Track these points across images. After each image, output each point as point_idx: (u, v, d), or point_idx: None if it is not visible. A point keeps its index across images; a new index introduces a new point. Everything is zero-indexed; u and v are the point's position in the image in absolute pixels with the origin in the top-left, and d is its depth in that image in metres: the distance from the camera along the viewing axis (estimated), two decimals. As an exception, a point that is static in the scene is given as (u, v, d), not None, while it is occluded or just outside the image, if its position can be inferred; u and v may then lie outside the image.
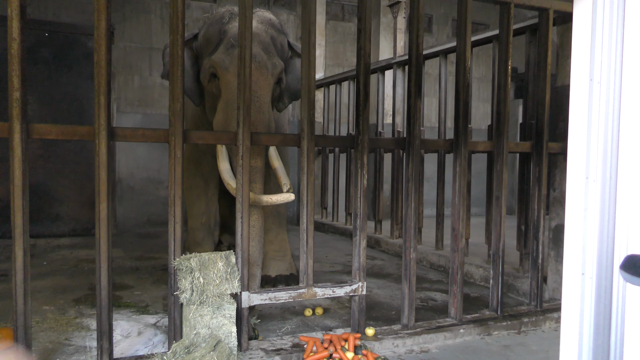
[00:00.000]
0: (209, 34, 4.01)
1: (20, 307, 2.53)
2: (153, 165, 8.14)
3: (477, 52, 9.91)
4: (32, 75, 6.57)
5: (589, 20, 1.41)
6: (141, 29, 8.13)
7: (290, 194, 3.40)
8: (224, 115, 3.68)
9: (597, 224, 1.41)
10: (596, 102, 1.42)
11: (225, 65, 3.73)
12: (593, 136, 1.42)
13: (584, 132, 1.43)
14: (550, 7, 3.77)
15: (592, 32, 1.40)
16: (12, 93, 2.47)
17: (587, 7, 1.42)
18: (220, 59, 3.74)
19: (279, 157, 3.68)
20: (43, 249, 6.13)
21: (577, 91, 1.45)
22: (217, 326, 2.77)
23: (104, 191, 2.66)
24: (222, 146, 3.52)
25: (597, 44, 1.41)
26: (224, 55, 3.75)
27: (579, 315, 1.44)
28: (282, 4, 9.17)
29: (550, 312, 3.79)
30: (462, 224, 3.57)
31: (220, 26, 3.97)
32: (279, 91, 4.03)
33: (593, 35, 1.40)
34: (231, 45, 3.78)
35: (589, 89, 1.44)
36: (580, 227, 1.44)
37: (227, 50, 3.77)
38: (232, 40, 3.79)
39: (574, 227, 1.46)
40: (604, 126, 1.39)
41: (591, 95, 1.43)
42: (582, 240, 1.44)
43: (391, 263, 5.77)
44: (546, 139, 3.84)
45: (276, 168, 3.60)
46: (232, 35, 3.82)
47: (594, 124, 1.41)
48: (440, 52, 5.60)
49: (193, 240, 4.69)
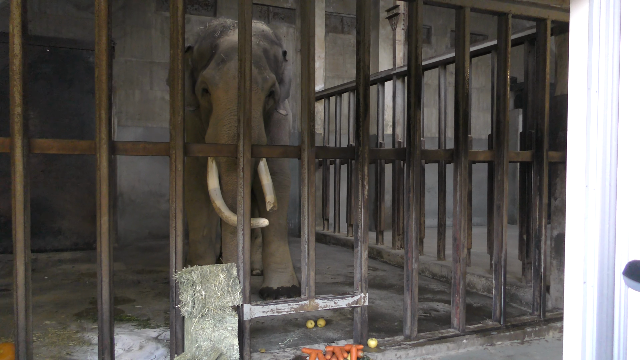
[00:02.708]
0: (202, 48, 4.05)
1: (22, 322, 2.53)
2: (154, 179, 8.15)
3: (476, 62, 9.94)
4: (34, 91, 6.61)
5: (586, 30, 1.42)
6: (142, 44, 8.18)
7: (264, 220, 3.43)
8: (214, 130, 3.72)
9: (598, 231, 1.41)
10: (594, 111, 1.42)
11: (215, 81, 3.76)
12: (592, 144, 1.42)
13: (583, 141, 1.44)
14: (548, 17, 3.79)
15: (589, 41, 1.41)
16: (14, 108, 2.49)
17: (584, 16, 1.43)
18: (211, 75, 3.77)
19: (268, 172, 3.67)
20: (44, 263, 6.12)
21: (575, 100, 1.46)
22: (219, 339, 2.76)
23: (105, 205, 2.66)
24: (212, 163, 3.53)
25: (594, 52, 1.42)
26: (213, 72, 3.79)
27: (581, 324, 1.44)
28: (282, 17, 9.23)
29: (553, 322, 3.77)
30: (463, 233, 3.57)
31: (212, 40, 4.01)
32: (273, 103, 4.05)
33: (590, 44, 1.41)
34: (221, 60, 3.81)
35: (587, 98, 1.45)
36: (581, 235, 1.44)
37: (217, 66, 3.80)
38: (222, 55, 3.82)
39: (575, 235, 1.46)
40: (603, 134, 1.40)
41: (589, 104, 1.43)
42: (583, 248, 1.44)
43: (393, 274, 5.75)
44: (546, 148, 3.85)
45: (264, 185, 3.60)
46: (222, 50, 3.85)
47: (592, 132, 1.42)
48: (439, 62, 5.63)
49: (194, 253, 4.69)
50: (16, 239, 2.50)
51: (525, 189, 4.41)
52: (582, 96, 1.46)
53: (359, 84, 3.27)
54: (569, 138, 1.47)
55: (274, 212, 4.53)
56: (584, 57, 1.44)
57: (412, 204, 3.41)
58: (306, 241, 3.16)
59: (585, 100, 1.44)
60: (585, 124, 1.44)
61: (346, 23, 9.87)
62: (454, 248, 3.59)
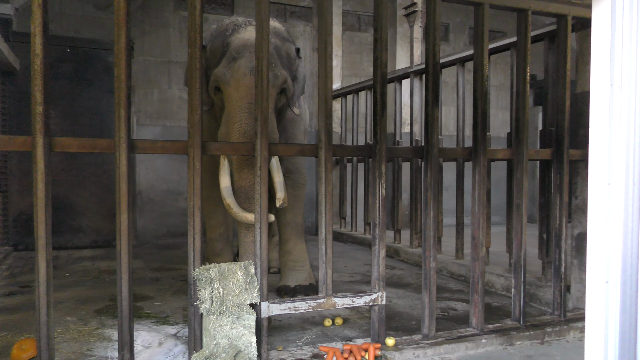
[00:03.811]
0: (214, 46, 4.07)
1: (44, 318, 2.56)
2: (172, 177, 8.22)
3: (495, 59, 9.86)
4: (54, 90, 6.71)
5: (608, 24, 1.40)
6: (160, 43, 8.25)
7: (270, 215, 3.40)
8: (225, 128, 3.72)
9: (621, 230, 1.38)
10: (617, 107, 1.40)
11: (227, 79, 3.77)
12: (614, 141, 1.40)
13: (605, 137, 1.41)
14: (569, 13, 3.73)
15: (612, 36, 1.39)
16: (35, 107, 2.52)
17: (606, 11, 1.40)
18: (222, 72, 3.79)
19: (280, 170, 3.62)
20: (65, 260, 6.21)
21: (597, 96, 1.43)
22: (236, 336, 2.77)
23: (124, 203, 2.69)
24: (224, 160, 3.53)
25: (616, 48, 1.39)
26: (225, 69, 3.79)
27: (603, 324, 1.41)
28: (299, 16, 9.24)
29: (574, 322, 3.72)
30: (482, 232, 3.54)
31: (223, 38, 4.02)
32: (285, 100, 4.04)
33: (612, 39, 1.39)
34: (233, 58, 3.82)
35: (609, 94, 1.42)
36: (604, 234, 1.42)
37: (228, 64, 3.81)
38: (233, 53, 3.83)
39: (597, 233, 1.43)
40: (626, 131, 1.37)
41: (612, 100, 1.41)
42: (606, 247, 1.41)
43: (411, 272, 5.73)
44: (566, 146, 3.79)
45: (276, 182, 3.55)
46: (234, 48, 3.86)
47: (615, 129, 1.39)
48: (457, 60, 5.59)
49: (212, 251, 4.71)
50: (38, 236, 2.54)
51: (545, 187, 4.36)
52: (605, 92, 1.43)
53: (376, 82, 3.26)
54: (591, 135, 1.44)
55: (291, 211, 4.54)
56: (606, 53, 1.41)
57: (430, 202, 3.39)
58: (323, 239, 3.16)
59: (607, 97, 1.42)
60: (608, 120, 1.41)
61: (363, 21, 9.84)
62: (472, 247, 3.56)
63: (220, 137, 3.79)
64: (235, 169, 3.65)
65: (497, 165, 5.75)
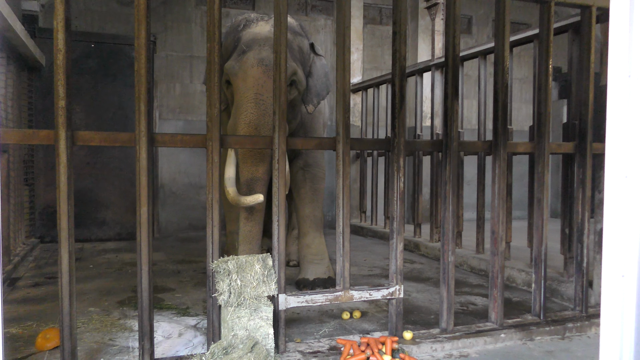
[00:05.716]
0: (227, 42, 4.12)
1: (66, 308, 2.62)
2: (194, 171, 8.30)
3: (519, 52, 9.70)
4: (79, 85, 6.83)
5: (627, 12, 1.37)
6: (182, 38, 8.32)
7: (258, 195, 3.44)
8: (233, 119, 3.76)
9: (637, 223, 1.36)
10: (635, 98, 1.37)
11: (235, 71, 3.80)
12: (631, 134, 1.37)
13: (623, 129, 1.38)
14: (593, 4, 3.66)
15: (630, 24, 1.36)
16: (58, 102, 2.57)
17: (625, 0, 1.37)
18: (231, 65, 3.82)
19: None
20: (89, 252, 6.33)
21: (615, 87, 1.41)
22: (254, 328, 2.80)
23: (144, 195, 2.73)
24: (231, 152, 3.57)
25: (635, 37, 1.36)
26: (234, 62, 3.83)
27: (619, 318, 1.39)
28: (320, 10, 9.22)
29: (596, 318, 3.66)
30: (502, 226, 3.50)
31: (235, 34, 4.08)
32: (297, 93, 4.03)
33: (631, 27, 1.36)
34: (242, 51, 3.85)
35: (628, 85, 1.39)
36: (620, 227, 1.39)
37: (238, 57, 3.85)
38: (243, 47, 3.87)
39: (613, 227, 1.41)
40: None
41: (630, 91, 1.38)
42: (622, 240, 1.39)
43: (430, 267, 5.70)
44: (590, 140, 3.73)
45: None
46: (244, 42, 3.89)
47: (632, 121, 1.37)
48: (479, 52, 5.52)
49: (231, 244, 4.76)
50: (60, 228, 2.60)
51: (567, 181, 4.29)
52: (623, 83, 1.40)
53: (395, 75, 3.24)
54: (608, 126, 1.42)
55: (310, 204, 4.56)
56: (625, 42, 1.38)
57: (449, 196, 3.37)
58: (341, 232, 3.16)
59: (625, 88, 1.39)
60: (625, 112, 1.38)
61: (385, 14, 9.78)
62: (492, 241, 3.52)
63: (228, 128, 3.82)
64: (240, 161, 3.70)
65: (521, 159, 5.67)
